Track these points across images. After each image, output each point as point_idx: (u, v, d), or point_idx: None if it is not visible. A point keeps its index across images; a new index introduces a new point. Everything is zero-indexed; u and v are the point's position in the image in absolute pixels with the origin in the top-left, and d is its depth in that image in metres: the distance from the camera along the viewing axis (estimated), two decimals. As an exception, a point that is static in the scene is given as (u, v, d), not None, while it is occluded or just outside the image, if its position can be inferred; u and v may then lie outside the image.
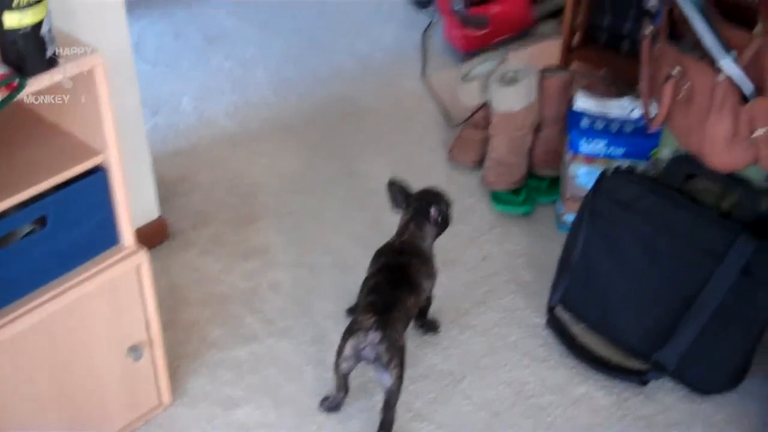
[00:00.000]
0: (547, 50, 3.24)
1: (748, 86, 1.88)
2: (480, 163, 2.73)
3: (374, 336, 1.89)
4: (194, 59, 3.33)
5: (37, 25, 1.51)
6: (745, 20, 1.96)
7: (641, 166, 2.33)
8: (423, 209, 2.12)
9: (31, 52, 1.52)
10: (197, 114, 3.02)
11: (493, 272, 2.40)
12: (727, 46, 1.90)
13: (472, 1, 3.21)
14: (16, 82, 1.49)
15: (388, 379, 1.92)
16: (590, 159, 2.42)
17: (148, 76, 3.18)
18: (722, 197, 2.05)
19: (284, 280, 2.37)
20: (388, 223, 2.53)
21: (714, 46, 1.91)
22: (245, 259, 2.43)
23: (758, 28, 1.87)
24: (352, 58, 3.32)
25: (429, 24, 3.48)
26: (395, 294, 1.99)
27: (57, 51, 1.56)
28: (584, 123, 2.43)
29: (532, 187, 2.65)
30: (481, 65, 2.79)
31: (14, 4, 1.48)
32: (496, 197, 2.61)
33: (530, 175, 2.67)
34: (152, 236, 2.36)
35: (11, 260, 1.63)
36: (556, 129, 2.67)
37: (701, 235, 1.98)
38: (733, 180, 2.02)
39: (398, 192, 2.16)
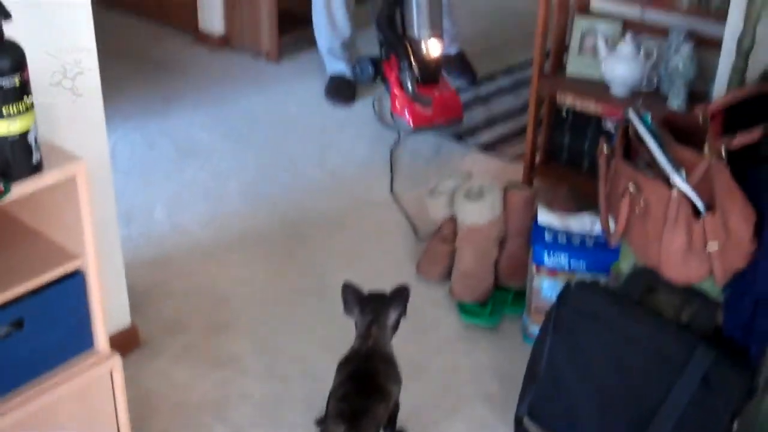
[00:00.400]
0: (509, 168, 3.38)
1: (699, 203, 1.99)
2: (447, 276, 2.79)
3: None
4: (168, 170, 3.41)
5: (25, 133, 1.58)
6: (695, 142, 2.08)
7: (603, 279, 2.41)
8: (382, 312, 2.15)
9: (17, 158, 1.58)
10: (170, 223, 3.07)
11: (460, 383, 2.43)
12: (678, 165, 2.00)
13: (419, 82, 3.52)
14: (2, 186, 1.55)
15: None
16: (553, 272, 2.49)
17: (122, 186, 3.23)
18: (681, 309, 2.12)
19: (255, 389, 2.38)
20: (358, 332, 2.57)
21: (666, 164, 2.02)
22: (216, 368, 2.44)
23: (706, 149, 1.98)
24: (322, 171, 3.42)
25: (397, 140, 3.60)
26: (365, 403, 2.01)
27: (41, 158, 1.62)
28: (547, 237, 2.51)
29: (499, 299, 2.71)
30: (448, 181, 2.89)
31: (4, 113, 1.54)
32: (464, 309, 2.67)
33: (497, 287, 2.74)
34: (124, 344, 2.37)
35: (-13, 362, 1.65)
36: (520, 242, 2.75)
37: (662, 346, 2.04)
38: (691, 292, 2.10)
39: (352, 295, 2.18)
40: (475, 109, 3.94)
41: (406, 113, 3.53)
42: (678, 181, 2.00)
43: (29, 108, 1.58)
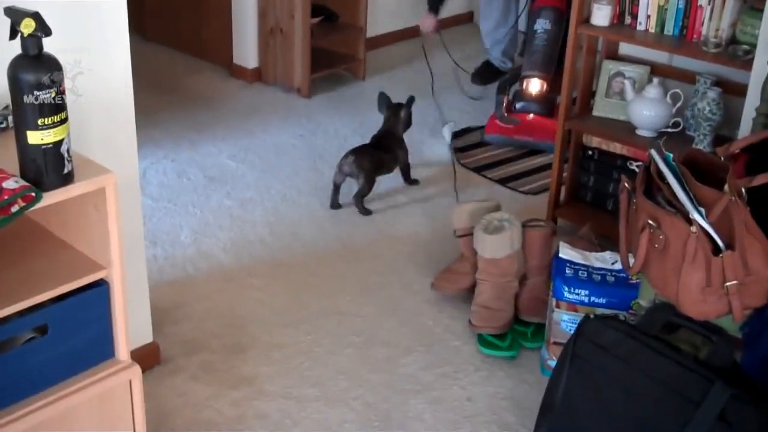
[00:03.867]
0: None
1: (719, 240, 1.99)
2: (460, 291, 2.85)
3: (350, 158, 3.39)
4: (195, 197, 3.46)
5: (58, 143, 1.61)
6: (716, 181, 2.09)
7: (622, 315, 2.41)
8: (397, 110, 3.58)
9: (49, 167, 1.62)
10: (195, 247, 3.12)
11: (476, 413, 2.43)
12: (698, 203, 2.02)
13: (512, 110, 4.10)
14: (33, 194, 1.59)
15: (358, 183, 3.39)
16: (573, 307, 2.49)
17: (150, 211, 3.30)
18: (699, 345, 2.12)
19: (270, 410, 2.39)
20: (375, 358, 2.60)
21: (686, 201, 2.03)
22: (233, 388, 2.46)
23: (726, 188, 2.00)
24: (346, 201, 3.45)
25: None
26: (371, 147, 3.52)
27: (73, 169, 1.66)
28: (568, 272, 2.52)
29: (518, 332, 2.71)
30: (478, 201, 2.95)
31: (39, 123, 1.59)
32: (482, 340, 2.67)
33: (517, 321, 2.74)
34: (144, 360, 2.38)
35: (10, 365, 1.68)
36: (541, 278, 2.77)
37: (678, 381, 2.03)
38: (709, 328, 2.09)
39: (384, 99, 3.61)
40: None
41: (490, 129, 4.09)
42: (698, 218, 2.02)
43: (64, 120, 1.62)
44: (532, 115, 4.06)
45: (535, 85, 4.08)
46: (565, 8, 3.99)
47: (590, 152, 3.25)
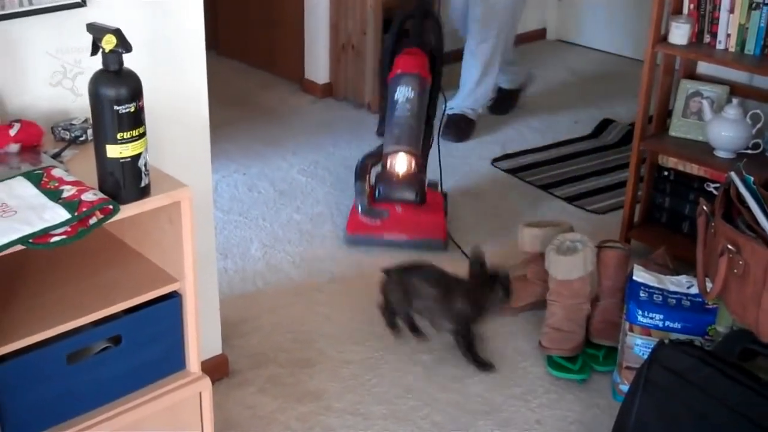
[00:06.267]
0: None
1: (803, 266, 1.93)
2: (516, 310, 2.86)
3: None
4: (266, 210, 3.49)
5: (136, 157, 1.64)
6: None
7: (698, 340, 2.35)
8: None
9: (127, 181, 1.64)
10: (264, 261, 3.14)
11: (544, 436, 2.39)
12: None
13: (375, 198, 3.31)
14: (111, 207, 1.61)
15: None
16: (647, 331, 2.44)
17: (221, 223, 3.33)
18: (779, 374, 2.05)
19: (337, 426, 2.39)
20: (444, 377, 2.58)
21: (767, 226, 1.97)
22: (300, 402, 2.46)
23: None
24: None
25: None
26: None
27: (149, 182, 1.68)
28: (642, 295, 2.46)
29: (589, 355, 2.66)
30: (549, 224, 2.91)
31: (118, 138, 1.61)
32: (552, 362, 2.63)
33: (588, 343, 2.69)
34: (213, 371, 2.39)
35: (84, 374, 1.70)
36: (614, 301, 2.71)
37: (755, 410, 1.96)
38: (790, 357, 2.03)
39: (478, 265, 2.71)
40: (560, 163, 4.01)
41: (350, 224, 3.29)
42: (781, 242, 1.95)
43: (142, 135, 1.64)
44: (400, 207, 3.28)
45: (402, 162, 3.27)
46: (430, 76, 3.36)
47: (666, 173, 3.18)
